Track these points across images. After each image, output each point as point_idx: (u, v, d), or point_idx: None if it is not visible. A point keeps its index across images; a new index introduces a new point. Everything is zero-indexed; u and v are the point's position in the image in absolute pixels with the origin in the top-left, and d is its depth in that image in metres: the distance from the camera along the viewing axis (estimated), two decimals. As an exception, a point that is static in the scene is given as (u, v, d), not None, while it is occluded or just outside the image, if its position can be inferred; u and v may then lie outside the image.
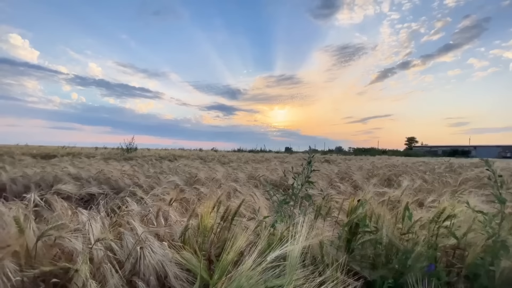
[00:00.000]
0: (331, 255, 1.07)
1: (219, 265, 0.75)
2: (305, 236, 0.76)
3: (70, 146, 15.54)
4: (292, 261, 0.72)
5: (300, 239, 0.75)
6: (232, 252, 0.78)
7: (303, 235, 0.76)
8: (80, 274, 0.91)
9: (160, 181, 4.00)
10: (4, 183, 3.21)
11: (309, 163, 1.58)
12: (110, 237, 1.11)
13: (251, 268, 0.71)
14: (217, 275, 0.73)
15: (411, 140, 67.85)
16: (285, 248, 0.76)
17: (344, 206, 1.65)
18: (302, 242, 0.74)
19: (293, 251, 0.73)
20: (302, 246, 0.73)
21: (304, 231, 0.77)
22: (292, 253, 0.73)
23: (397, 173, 5.13)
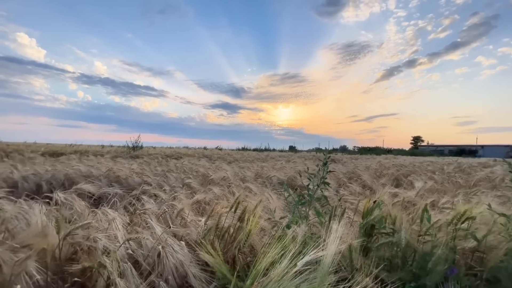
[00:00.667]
0: (359, 259, 1.06)
1: (252, 270, 0.75)
2: (337, 240, 0.75)
3: (77, 144, 15.71)
4: (324, 267, 0.71)
5: (333, 243, 0.74)
6: (266, 258, 0.77)
7: (337, 239, 0.75)
8: (109, 273, 0.92)
9: (168, 179, 4.03)
10: (16, 181, 3.26)
11: (325, 164, 1.57)
12: (141, 236, 1.12)
13: (282, 274, 0.70)
14: (250, 280, 0.73)
15: (417, 139, 67.17)
16: (317, 253, 0.75)
17: (357, 207, 1.64)
18: (335, 247, 0.74)
19: (325, 256, 0.73)
20: (334, 251, 0.73)
21: (336, 235, 0.76)
22: (325, 258, 0.72)
23: (406, 173, 5.08)
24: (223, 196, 2.25)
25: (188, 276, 1.12)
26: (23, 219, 1.37)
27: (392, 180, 4.39)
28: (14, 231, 1.28)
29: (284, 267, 0.72)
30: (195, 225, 1.54)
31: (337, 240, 0.78)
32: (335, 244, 0.77)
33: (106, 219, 1.45)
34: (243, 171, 4.97)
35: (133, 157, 9.55)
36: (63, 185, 3.37)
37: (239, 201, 1.32)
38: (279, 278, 0.70)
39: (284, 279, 0.70)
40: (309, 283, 0.69)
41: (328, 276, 0.71)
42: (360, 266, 0.87)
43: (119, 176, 3.57)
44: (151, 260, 1.26)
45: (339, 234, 0.82)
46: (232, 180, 3.57)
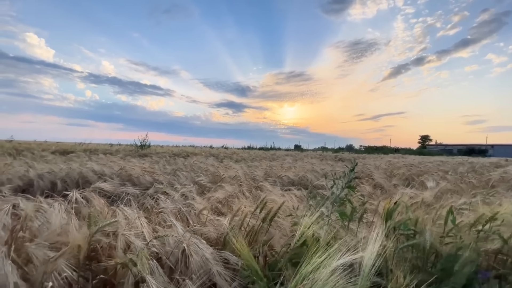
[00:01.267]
0: (394, 261, 1.05)
1: (299, 272, 0.75)
2: (377, 241, 0.75)
3: (86, 143, 15.93)
4: (365, 269, 0.71)
5: (375, 244, 0.74)
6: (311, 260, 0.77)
7: (377, 240, 0.75)
8: (138, 271, 0.93)
9: (179, 178, 4.05)
10: (32, 179, 3.32)
11: (352, 170, 1.55)
12: (169, 234, 1.13)
13: (324, 277, 0.70)
14: (294, 282, 0.73)
15: (424, 139, 66.24)
16: (355, 255, 0.75)
17: (377, 208, 1.62)
18: (375, 248, 0.73)
19: (365, 258, 0.72)
20: (376, 252, 0.72)
21: (375, 236, 0.76)
22: (365, 260, 0.72)
23: (417, 173, 5.02)
24: (238, 195, 2.26)
25: (213, 274, 1.13)
26: (43, 217, 1.40)
27: (403, 180, 4.34)
28: (39, 229, 1.31)
29: (327, 269, 0.72)
30: (215, 224, 1.55)
31: (376, 241, 0.77)
32: (375, 245, 0.76)
33: (125, 217, 1.47)
34: (252, 170, 4.98)
35: (142, 156, 9.64)
36: (77, 184, 3.43)
37: (265, 202, 1.32)
38: (323, 280, 0.69)
39: (328, 281, 0.70)
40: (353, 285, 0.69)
41: (370, 278, 0.71)
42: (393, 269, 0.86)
43: (131, 174, 3.61)
44: (172, 258, 1.27)
45: (376, 236, 0.81)
46: (243, 179, 3.58)
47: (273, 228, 1.46)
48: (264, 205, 1.33)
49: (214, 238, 1.52)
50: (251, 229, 1.33)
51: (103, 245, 1.33)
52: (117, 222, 1.16)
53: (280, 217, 1.49)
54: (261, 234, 1.38)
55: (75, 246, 0.98)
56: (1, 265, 1.02)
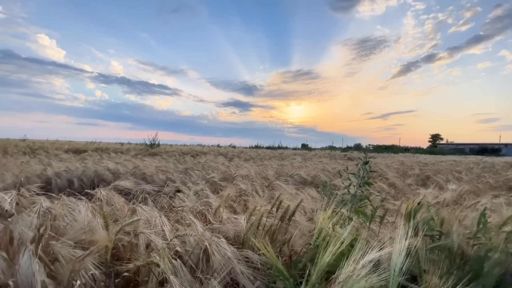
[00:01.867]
0: (427, 262, 1.02)
1: (315, 268, 0.73)
2: (404, 241, 0.72)
3: (97, 142, 16.22)
4: (396, 267, 0.69)
5: (403, 243, 0.71)
6: (326, 255, 0.76)
7: (405, 239, 0.72)
8: (163, 270, 0.93)
9: (191, 177, 4.08)
10: (50, 177, 3.39)
11: (366, 163, 1.53)
12: (191, 233, 1.13)
13: (352, 275, 0.68)
14: (314, 277, 0.72)
15: (435, 137, 64.88)
16: (383, 251, 0.73)
17: (400, 208, 1.58)
18: (403, 247, 0.71)
19: (394, 257, 0.70)
20: (404, 252, 0.70)
21: (403, 235, 0.74)
22: (395, 256, 0.70)
23: (432, 173, 4.91)
24: (252, 194, 2.25)
25: (236, 273, 1.12)
26: (69, 215, 1.42)
27: (418, 180, 4.25)
28: (65, 228, 1.33)
29: (352, 267, 0.70)
30: (232, 223, 1.55)
31: (404, 241, 0.75)
32: (403, 245, 0.74)
33: (146, 215, 1.48)
34: (263, 169, 4.96)
35: (152, 155, 9.75)
36: (92, 182, 3.48)
37: (281, 201, 1.31)
38: (349, 278, 0.68)
39: (355, 279, 0.68)
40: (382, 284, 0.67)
41: (399, 277, 0.69)
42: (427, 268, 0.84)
43: (145, 173, 3.65)
44: (192, 257, 1.27)
45: (403, 235, 0.79)
46: (256, 178, 3.57)
47: (291, 227, 1.45)
48: (280, 204, 1.31)
49: (231, 236, 1.52)
50: (269, 228, 1.32)
51: (124, 244, 1.35)
52: (139, 221, 1.16)
53: (298, 216, 1.47)
54: (280, 233, 1.36)
55: (102, 246, 0.99)
56: (28, 264, 1.04)
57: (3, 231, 1.32)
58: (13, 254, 1.26)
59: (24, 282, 1.04)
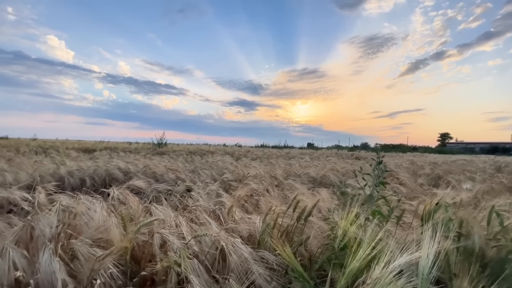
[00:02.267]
0: (458, 264, 1.00)
1: (344, 273, 0.72)
2: (433, 242, 0.71)
3: (105, 141, 16.45)
4: (424, 271, 0.67)
5: (431, 245, 0.70)
6: (356, 260, 0.75)
7: (431, 241, 0.71)
8: (183, 270, 0.93)
9: (200, 176, 4.09)
10: (62, 176, 3.45)
11: (380, 162, 1.51)
12: (211, 233, 1.13)
13: (380, 279, 0.67)
14: (343, 281, 0.71)
15: (444, 136, 63.76)
16: (411, 255, 0.72)
17: (417, 208, 1.56)
18: (432, 249, 0.70)
19: (422, 259, 0.69)
20: (433, 254, 0.69)
21: (429, 235, 0.72)
22: (423, 261, 0.68)
23: (443, 172, 4.82)
24: (264, 193, 2.25)
25: (253, 273, 1.12)
26: (86, 214, 1.44)
27: (429, 179, 4.18)
28: (82, 227, 1.34)
29: (380, 270, 0.69)
30: (246, 223, 1.54)
31: (432, 242, 0.73)
32: (431, 247, 0.73)
33: (161, 215, 1.48)
34: (271, 168, 4.95)
35: (160, 154, 9.83)
36: (104, 181, 3.53)
37: (298, 200, 1.30)
38: (377, 282, 0.67)
39: (383, 283, 0.67)
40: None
41: (429, 281, 0.67)
42: (458, 272, 0.82)
43: (155, 172, 3.68)
44: (208, 257, 1.28)
45: (430, 237, 0.77)
46: (265, 177, 3.57)
47: (306, 227, 1.44)
48: (297, 204, 1.30)
49: (245, 236, 1.52)
50: (285, 229, 1.31)
51: (139, 243, 1.36)
52: (157, 220, 1.17)
53: (313, 216, 1.46)
54: (296, 234, 1.35)
55: (122, 247, 1.00)
56: (48, 262, 1.05)
57: (23, 229, 1.35)
58: (33, 252, 1.29)
59: (44, 280, 1.06)
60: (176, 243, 1.18)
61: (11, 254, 1.15)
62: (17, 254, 1.16)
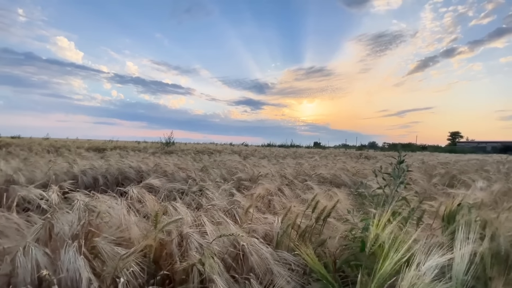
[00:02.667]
0: (494, 267, 0.98)
1: (376, 276, 0.71)
2: (468, 245, 0.68)
3: (114, 140, 16.69)
4: (458, 274, 0.65)
5: (463, 247, 0.68)
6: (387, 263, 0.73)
7: (466, 243, 0.68)
8: (206, 269, 0.93)
9: (209, 174, 4.10)
10: (76, 174, 3.50)
11: (402, 162, 1.47)
12: (240, 232, 1.12)
13: (414, 283, 0.65)
14: (374, 284, 0.69)
15: (455, 135, 62.47)
16: (442, 258, 0.69)
17: (438, 210, 1.52)
18: (466, 251, 0.67)
19: (456, 260, 0.66)
20: (468, 256, 0.66)
21: (462, 237, 0.70)
22: (457, 265, 0.66)
23: (457, 172, 4.72)
24: (278, 193, 2.23)
25: (273, 273, 1.11)
26: (106, 212, 1.45)
27: (444, 179, 4.10)
28: (103, 225, 1.36)
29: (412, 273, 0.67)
30: (262, 222, 1.53)
31: (467, 244, 0.71)
32: (465, 249, 0.70)
33: (177, 213, 1.49)
34: (280, 168, 4.93)
35: (168, 153, 9.91)
36: (116, 179, 3.57)
37: (318, 201, 1.28)
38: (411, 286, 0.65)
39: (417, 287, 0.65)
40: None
41: (464, 285, 0.65)
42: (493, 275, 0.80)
43: (166, 171, 3.70)
44: (227, 256, 1.27)
45: (463, 237, 0.75)
46: (276, 177, 3.55)
47: (325, 228, 1.42)
48: (316, 205, 1.29)
49: (261, 236, 1.51)
50: (304, 229, 1.30)
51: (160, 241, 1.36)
52: (181, 219, 1.17)
53: (332, 217, 1.44)
54: (315, 235, 1.34)
55: (148, 244, 1.00)
56: (73, 260, 1.06)
57: (43, 226, 1.37)
58: (53, 249, 1.30)
59: (67, 278, 1.07)
60: (195, 243, 1.17)
61: (34, 252, 1.16)
62: (39, 252, 1.17)
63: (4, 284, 1.19)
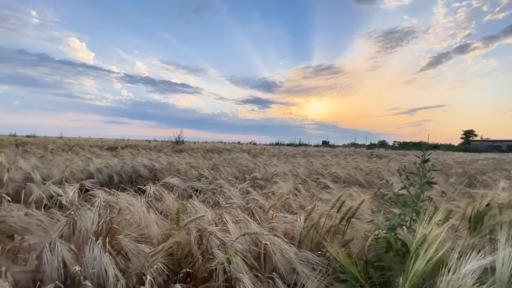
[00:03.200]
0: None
1: (409, 276, 0.68)
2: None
3: (125, 139, 16.97)
4: (503, 277, 0.62)
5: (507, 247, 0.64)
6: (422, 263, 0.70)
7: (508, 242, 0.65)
8: (233, 267, 0.92)
9: (221, 173, 4.11)
10: (92, 172, 3.56)
11: (427, 161, 1.43)
12: (263, 232, 1.11)
13: (454, 284, 0.62)
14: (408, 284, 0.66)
15: (468, 134, 60.82)
16: (483, 260, 0.66)
17: (466, 211, 1.47)
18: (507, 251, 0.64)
19: (499, 262, 0.63)
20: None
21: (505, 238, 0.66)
22: (500, 265, 0.63)
23: (476, 172, 4.58)
24: (295, 192, 2.21)
25: (298, 273, 1.09)
26: (126, 210, 1.46)
27: (462, 179, 3.98)
28: (123, 222, 1.36)
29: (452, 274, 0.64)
30: (281, 221, 1.52)
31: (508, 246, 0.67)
32: (507, 250, 0.67)
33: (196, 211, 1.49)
34: (291, 166, 4.89)
35: (178, 151, 10.00)
36: (130, 177, 3.62)
37: (344, 201, 1.26)
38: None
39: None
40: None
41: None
42: None
43: (179, 169, 3.73)
44: (249, 255, 1.26)
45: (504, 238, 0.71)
46: (289, 176, 3.52)
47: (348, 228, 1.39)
48: (342, 205, 1.26)
49: (281, 235, 1.49)
50: (328, 229, 1.27)
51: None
52: (203, 217, 1.17)
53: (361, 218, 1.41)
54: (337, 235, 1.31)
55: (175, 242, 1.00)
56: (99, 257, 1.07)
57: (67, 223, 1.39)
58: (77, 246, 1.32)
59: (93, 275, 1.08)
60: (216, 241, 1.17)
61: (59, 248, 1.18)
62: (65, 248, 1.19)
63: (30, 280, 1.21)
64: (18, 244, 1.36)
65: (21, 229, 1.48)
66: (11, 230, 1.54)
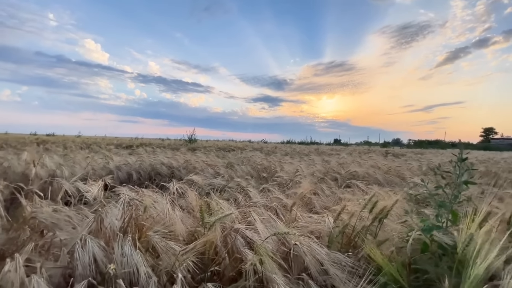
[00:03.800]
0: None
1: (466, 282, 0.64)
2: None
3: (139, 138, 17.32)
4: None
5: None
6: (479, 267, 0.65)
7: None
8: (266, 268, 0.89)
9: (236, 171, 4.11)
10: (112, 170, 3.63)
11: (464, 159, 1.36)
12: (294, 231, 1.09)
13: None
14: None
15: (488, 131, 58.45)
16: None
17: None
18: None
19: None
20: None
21: None
22: None
23: (500, 171, 4.38)
24: (317, 192, 2.17)
25: (329, 275, 1.06)
26: (152, 207, 1.47)
27: (487, 179, 3.81)
28: (149, 219, 1.37)
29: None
30: (308, 222, 1.48)
31: None
32: None
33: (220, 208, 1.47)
34: (307, 165, 4.83)
35: (191, 150, 10.10)
36: (149, 175, 3.67)
37: (376, 201, 1.21)
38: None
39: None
40: None
41: None
42: None
43: (196, 167, 3.75)
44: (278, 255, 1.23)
45: None
46: (306, 174, 3.47)
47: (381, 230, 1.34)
48: (374, 205, 1.21)
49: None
50: (359, 230, 1.23)
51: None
52: (230, 215, 1.15)
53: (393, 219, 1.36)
54: (369, 236, 1.27)
55: (207, 240, 0.99)
56: (129, 254, 1.07)
57: (95, 219, 1.40)
58: (105, 242, 1.33)
59: (125, 272, 1.08)
60: (242, 240, 1.15)
61: (90, 244, 1.19)
62: (95, 245, 1.20)
63: (62, 276, 1.23)
64: (49, 240, 1.38)
65: (51, 225, 1.51)
66: (41, 226, 1.57)
